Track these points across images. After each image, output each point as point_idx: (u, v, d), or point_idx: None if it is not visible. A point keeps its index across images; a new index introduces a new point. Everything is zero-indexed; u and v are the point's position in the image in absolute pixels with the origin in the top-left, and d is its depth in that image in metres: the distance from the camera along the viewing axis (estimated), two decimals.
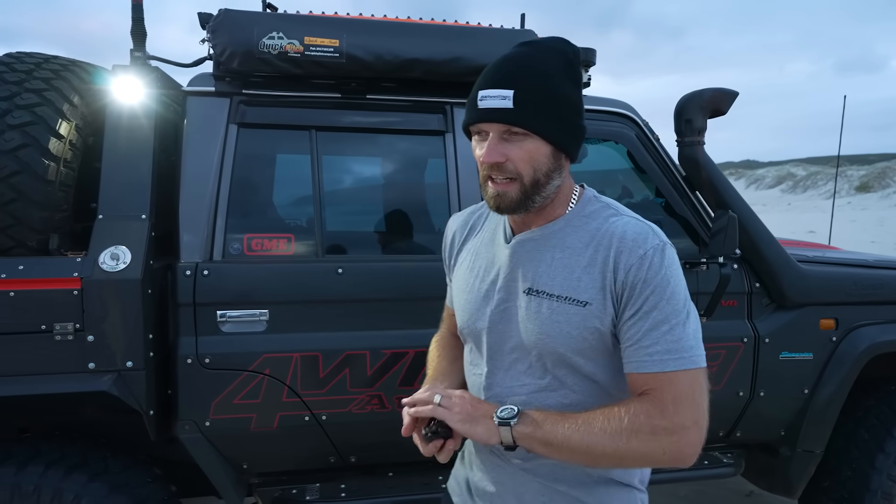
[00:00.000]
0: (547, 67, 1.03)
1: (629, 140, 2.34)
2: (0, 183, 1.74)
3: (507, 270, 1.11)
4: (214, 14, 1.96)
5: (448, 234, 1.30)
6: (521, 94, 0.99)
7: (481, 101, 1.01)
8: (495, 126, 1.01)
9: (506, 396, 1.10)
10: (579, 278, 1.04)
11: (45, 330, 1.74)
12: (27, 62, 1.90)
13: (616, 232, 1.05)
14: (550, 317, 1.05)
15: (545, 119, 1.01)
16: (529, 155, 1.01)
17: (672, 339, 0.98)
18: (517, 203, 1.04)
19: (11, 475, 1.74)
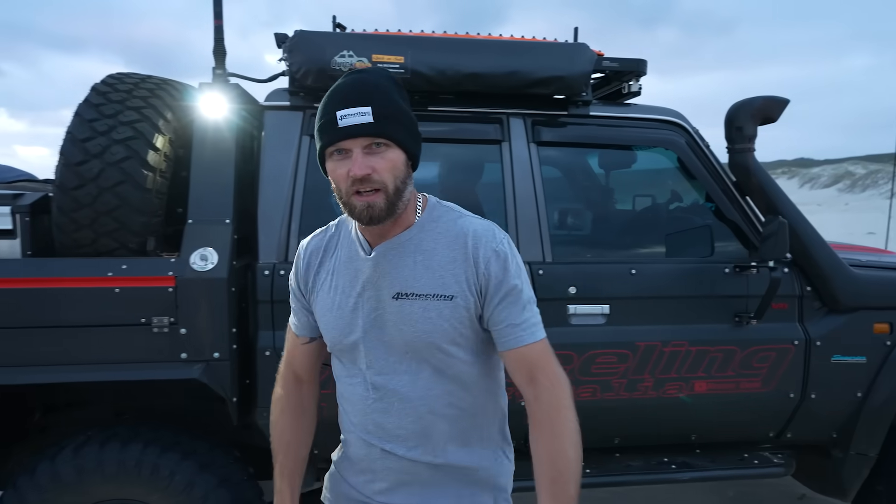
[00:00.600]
0: (387, 87, 1.12)
1: (679, 147, 2.41)
2: (107, 191, 1.95)
3: (373, 280, 1.18)
4: (290, 35, 2.14)
5: (300, 261, 1.29)
6: (377, 110, 1.07)
7: (342, 119, 1.06)
8: (358, 141, 1.07)
9: (393, 396, 1.19)
10: (442, 276, 1.15)
11: (144, 323, 1.94)
12: (127, 82, 2.11)
13: (467, 231, 1.17)
14: (423, 314, 1.15)
15: (399, 129, 1.10)
16: (392, 163, 1.09)
17: (530, 315, 1.17)
18: (385, 212, 1.10)
19: (117, 451, 1.95)
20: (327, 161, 1.13)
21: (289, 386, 1.37)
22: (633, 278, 2.26)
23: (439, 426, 1.20)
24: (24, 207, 1.96)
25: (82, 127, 1.97)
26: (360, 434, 1.23)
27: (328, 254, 1.26)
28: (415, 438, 1.19)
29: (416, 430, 1.19)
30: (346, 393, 1.26)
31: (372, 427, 1.21)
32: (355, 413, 1.24)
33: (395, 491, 1.24)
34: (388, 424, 1.20)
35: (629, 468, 2.36)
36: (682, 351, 2.27)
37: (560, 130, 2.35)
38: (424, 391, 1.18)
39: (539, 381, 1.15)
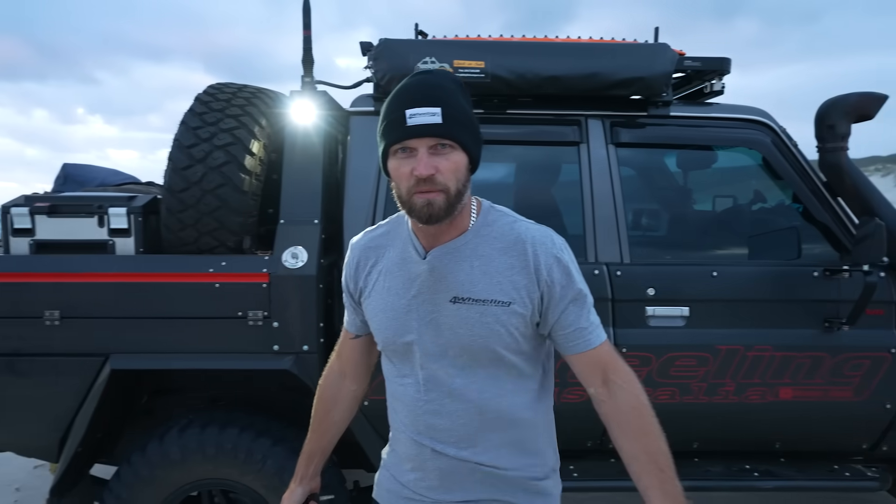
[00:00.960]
0: (454, 90, 1.12)
1: (764, 146, 2.35)
2: (208, 194, 2.11)
3: (429, 284, 1.18)
4: (375, 43, 2.23)
5: (351, 261, 1.30)
6: (447, 111, 1.07)
7: (411, 118, 1.07)
8: (425, 140, 1.07)
9: (446, 397, 1.20)
10: (499, 282, 1.15)
11: (240, 316, 2.09)
12: (226, 92, 2.28)
13: (525, 237, 1.17)
14: (480, 320, 1.15)
15: (466, 132, 1.10)
16: (456, 165, 1.09)
17: (595, 318, 1.20)
18: (444, 212, 1.10)
19: (215, 435, 2.11)
20: (390, 158, 1.13)
21: (332, 376, 1.44)
22: (715, 280, 2.21)
23: (491, 430, 1.20)
24: (137, 209, 2.15)
25: (187, 134, 2.14)
26: (411, 434, 1.24)
27: (380, 253, 1.26)
28: (466, 440, 1.20)
29: (467, 433, 1.20)
30: (398, 393, 1.27)
31: (423, 427, 1.22)
32: (406, 413, 1.25)
33: (446, 490, 1.24)
34: (439, 425, 1.21)
35: (708, 473, 2.32)
36: (766, 356, 2.21)
37: (639, 131, 2.33)
38: (477, 394, 1.19)
39: (613, 381, 1.17)
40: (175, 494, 2.17)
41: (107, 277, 2.07)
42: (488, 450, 1.21)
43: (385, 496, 1.34)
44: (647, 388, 2.20)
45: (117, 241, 2.15)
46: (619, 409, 1.17)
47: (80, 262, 2.08)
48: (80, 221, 2.15)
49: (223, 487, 2.20)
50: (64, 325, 2.06)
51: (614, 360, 1.19)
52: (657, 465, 1.13)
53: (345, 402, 1.43)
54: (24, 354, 2.07)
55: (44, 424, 2.12)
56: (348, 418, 1.46)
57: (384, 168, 1.16)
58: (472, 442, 1.21)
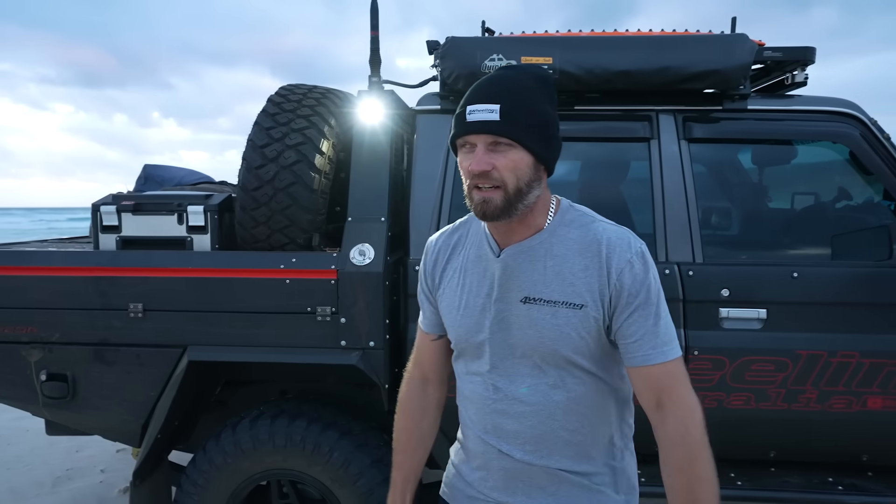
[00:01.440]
0: (527, 86, 1.10)
1: (852, 140, 2.21)
2: (281, 192, 2.17)
3: (501, 282, 1.17)
4: (442, 42, 2.24)
5: (427, 258, 1.31)
6: (506, 108, 1.06)
7: (469, 114, 1.08)
8: (482, 137, 1.08)
9: (513, 399, 1.18)
10: (572, 283, 1.12)
11: (309, 311, 2.14)
12: (297, 93, 2.34)
13: (601, 238, 1.13)
14: (551, 321, 1.12)
15: (527, 131, 1.07)
16: (514, 163, 1.07)
17: (664, 332, 1.12)
18: (501, 210, 1.09)
19: (285, 426, 2.17)
20: (458, 152, 1.15)
21: (413, 386, 1.39)
22: (796, 282, 2.10)
23: (558, 434, 1.18)
24: (213, 207, 2.24)
25: (261, 134, 2.21)
26: (478, 432, 1.24)
27: (456, 251, 1.26)
28: (532, 443, 1.19)
29: (534, 435, 1.18)
30: (467, 391, 1.27)
31: (490, 427, 1.22)
32: (475, 412, 1.24)
33: (509, 492, 1.23)
34: (506, 426, 1.20)
35: (786, 484, 2.20)
36: (853, 363, 2.08)
37: (714, 126, 2.24)
38: (544, 397, 1.17)
39: (665, 406, 1.10)
40: (246, 483, 2.25)
41: (185, 273, 2.16)
42: (553, 454, 1.19)
43: (450, 493, 1.34)
44: (720, 392, 2.12)
45: (195, 237, 2.24)
46: (666, 436, 1.11)
47: (161, 258, 2.18)
48: (162, 219, 2.26)
49: (291, 478, 2.27)
50: (146, 317, 2.17)
51: (674, 382, 1.11)
52: (692, 498, 1.07)
53: (432, 411, 1.39)
54: (110, 344, 2.19)
55: (128, 411, 2.24)
56: (436, 428, 1.41)
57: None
58: (539, 445, 1.19)
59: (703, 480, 1.07)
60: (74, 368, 2.22)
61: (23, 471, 3.75)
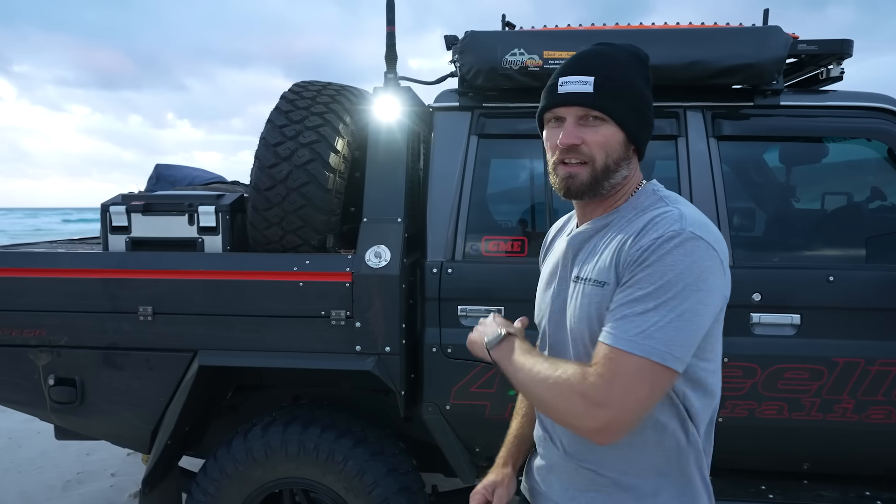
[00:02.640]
0: (623, 62, 1.06)
1: (891, 136, 2.11)
2: (294, 192, 2.10)
3: (564, 261, 1.16)
4: (460, 37, 2.16)
5: (546, 239, 1.34)
6: (600, 81, 1.02)
7: (562, 86, 1.04)
8: (573, 110, 1.04)
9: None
10: (603, 260, 1.06)
11: (323, 315, 2.07)
12: (311, 90, 2.27)
13: (654, 215, 1.02)
14: (582, 300, 1.08)
15: (621, 106, 1.04)
16: (605, 139, 1.04)
17: (641, 321, 0.94)
18: (587, 186, 1.05)
19: (298, 434, 2.11)
20: (545, 127, 1.12)
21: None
22: (832, 286, 2.01)
23: None
24: (224, 207, 2.17)
25: (274, 132, 2.15)
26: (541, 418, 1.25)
27: (560, 234, 1.27)
28: (578, 442, 1.12)
29: None
30: None
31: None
32: None
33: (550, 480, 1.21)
34: None
35: (821, 498, 2.11)
36: (894, 371, 1.98)
37: (744, 123, 2.15)
38: None
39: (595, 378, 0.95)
40: (258, 491, 2.19)
41: (195, 275, 2.10)
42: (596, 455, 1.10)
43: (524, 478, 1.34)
44: (751, 401, 2.03)
45: (206, 238, 2.18)
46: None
47: (170, 260, 2.12)
48: (172, 219, 2.20)
49: (304, 487, 2.20)
50: (156, 320, 2.10)
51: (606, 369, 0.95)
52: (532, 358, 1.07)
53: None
54: (120, 348, 2.14)
55: (137, 416, 2.19)
56: None
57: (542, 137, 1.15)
58: (583, 445, 1.12)
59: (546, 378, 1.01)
60: (83, 373, 2.16)
61: (33, 474, 3.72)
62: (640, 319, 0.94)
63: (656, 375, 0.94)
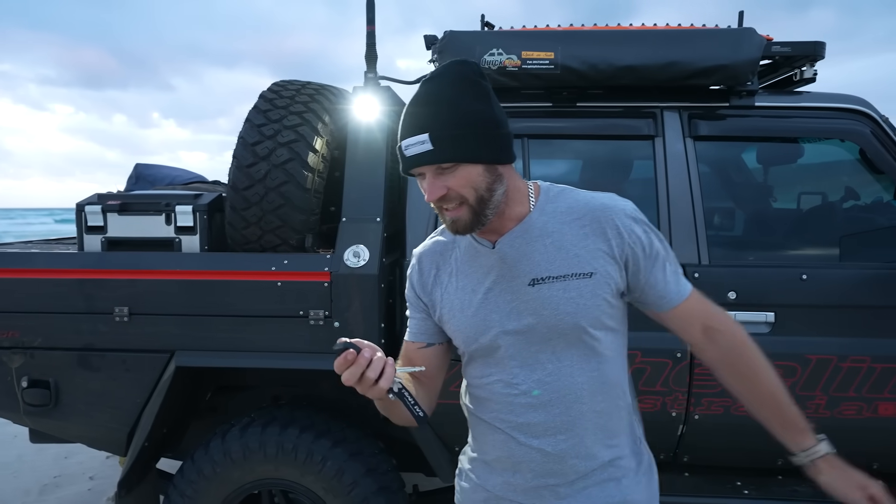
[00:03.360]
0: (451, 96, 1.06)
1: (863, 137, 2.14)
2: (272, 191, 2.09)
3: (503, 272, 1.16)
4: (440, 36, 2.16)
5: (415, 269, 1.28)
6: (435, 133, 1.04)
7: (406, 150, 1.07)
8: (425, 168, 1.07)
9: (537, 387, 1.16)
10: (577, 254, 1.13)
11: (302, 315, 2.06)
12: (290, 89, 2.26)
13: (593, 204, 1.16)
14: (564, 296, 1.12)
15: (462, 147, 1.05)
16: (465, 180, 1.07)
17: (678, 268, 1.20)
18: (472, 222, 1.10)
19: (277, 434, 2.10)
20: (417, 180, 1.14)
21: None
22: (806, 284, 2.04)
23: (587, 417, 1.17)
24: (202, 206, 2.16)
25: (252, 131, 2.13)
26: (507, 432, 1.20)
27: (445, 257, 1.25)
28: (564, 432, 1.16)
29: (564, 423, 1.16)
30: (484, 393, 1.23)
31: (518, 424, 1.18)
32: (499, 413, 1.20)
33: (538, 494, 1.20)
34: (533, 420, 1.17)
35: (795, 493, 2.14)
36: (864, 368, 2.02)
37: (720, 123, 2.17)
38: (569, 379, 1.15)
39: (711, 327, 1.18)
40: (236, 493, 2.17)
41: (172, 275, 2.08)
42: (585, 440, 1.17)
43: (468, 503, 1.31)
44: (727, 399, 2.06)
45: (183, 238, 2.16)
46: (723, 352, 1.18)
47: (147, 259, 2.10)
48: (149, 219, 2.18)
49: (283, 488, 2.19)
50: (133, 321, 2.08)
51: (706, 305, 1.20)
52: (773, 397, 1.17)
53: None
54: (95, 349, 2.11)
55: (112, 418, 2.16)
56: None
57: None
58: (570, 434, 1.16)
59: (768, 371, 1.17)
60: (57, 375, 2.14)
61: (9, 478, 3.66)
62: (677, 269, 1.19)
63: None
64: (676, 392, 2.06)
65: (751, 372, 1.17)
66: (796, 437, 1.17)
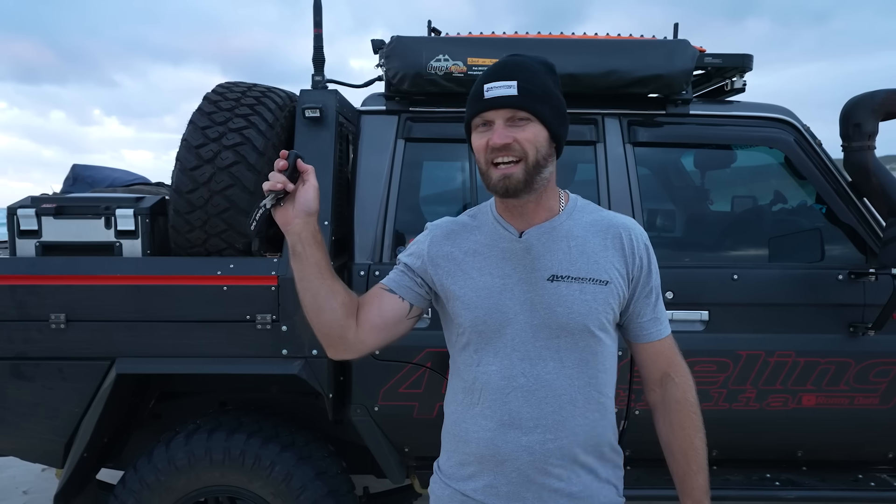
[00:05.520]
0: (537, 70, 1.17)
1: (787, 145, 2.28)
2: (217, 195, 2.06)
3: (525, 262, 1.21)
4: (387, 41, 2.18)
5: (425, 238, 1.31)
6: (523, 85, 1.12)
7: (487, 91, 1.13)
8: (501, 112, 1.13)
9: (536, 381, 1.18)
10: (597, 262, 1.20)
11: (249, 319, 2.04)
12: (235, 91, 2.23)
13: (617, 223, 1.24)
14: (579, 297, 1.18)
15: (543, 106, 1.14)
16: (534, 135, 1.13)
17: (664, 310, 1.29)
18: (524, 183, 1.14)
19: (223, 440, 2.07)
20: (472, 134, 1.19)
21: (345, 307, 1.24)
22: (736, 283, 2.15)
23: (577, 420, 1.19)
24: (144, 210, 2.10)
25: (196, 134, 2.10)
26: (491, 428, 1.19)
27: (464, 237, 1.28)
28: (553, 430, 1.18)
29: (555, 421, 1.18)
30: (478, 382, 1.22)
31: (507, 418, 1.18)
32: (489, 403, 1.20)
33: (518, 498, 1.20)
34: (524, 414, 1.18)
35: (728, 482, 2.25)
36: (789, 362, 2.15)
37: (658, 130, 2.27)
38: (567, 380, 1.19)
39: (670, 374, 1.26)
40: (182, 501, 2.13)
41: (113, 280, 2.02)
42: (573, 443, 1.19)
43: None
44: None
45: (124, 242, 2.11)
46: (665, 400, 1.27)
47: (86, 265, 2.04)
48: (87, 223, 2.11)
49: (230, 494, 2.16)
50: (70, 328, 2.02)
51: (675, 355, 1.28)
52: (686, 458, 1.23)
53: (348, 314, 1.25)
54: (29, 358, 2.03)
55: (48, 429, 2.09)
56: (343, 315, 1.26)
57: (469, 146, 1.21)
58: (559, 433, 1.18)
59: (700, 431, 1.25)
60: None
61: None
62: (662, 309, 1.28)
63: None
64: (618, 388, 2.14)
65: (680, 429, 1.25)
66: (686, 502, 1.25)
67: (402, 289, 1.29)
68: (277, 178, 1.20)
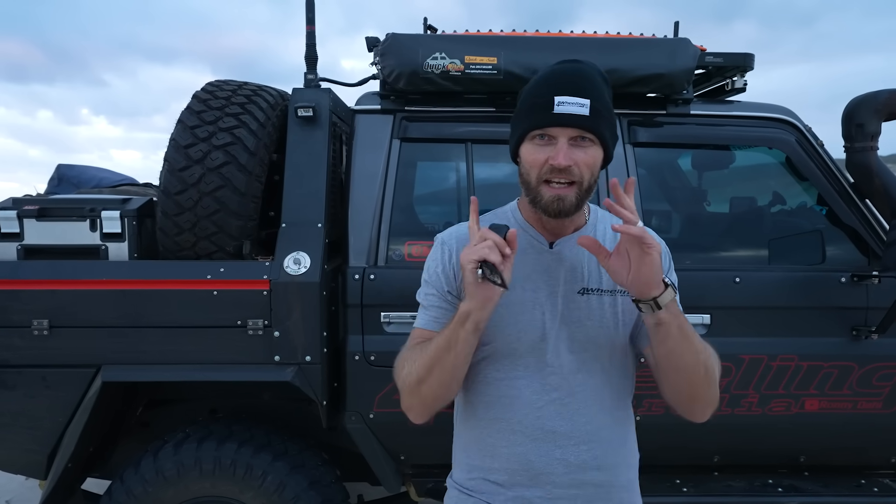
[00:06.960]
0: (600, 82, 1.11)
1: (788, 145, 2.24)
2: (207, 196, 2.00)
3: (557, 275, 1.16)
4: (382, 39, 2.13)
5: (443, 255, 1.21)
6: (595, 104, 1.06)
7: (559, 105, 1.06)
8: (568, 131, 1.07)
9: (568, 395, 1.15)
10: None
11: (240, 325, 1.98)
12: (226, 89, 2.16)
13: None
14: (611, 310, 1.15)
15: (608, 129, 1.09)
16: (594, 160, 1.09)
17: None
18: (574, 206, 1.10)
19: (213, 450, 2.00)
20: (525, 142, 1.11)
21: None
22: (738, 286, 2.11)
23: (606, 433, 1.18)
24: (131, 212, 2.04)
25: (185, 133, 2.03)
26: (523, 443, 1.15)
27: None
28: (586, 442, 1.16)
29: (587, 433, 1.16)
30: (506, 398, 1.17)
31: (540, 433, 1.15)
32: (519, 418, 1.16)
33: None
34: (559, 429, 1.15)
35: (730, 489, 2.22)
36: (792, 366, 2.11)
37: (658, 130, 2.23)
38: (595, 392, 1.16)
39: None
40: None
41: (98, 285, 1.96)
42: (607, 454, 1.17)
43: None
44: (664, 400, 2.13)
45: (110, 245, 2.04)
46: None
47: (70, 269, 1.97)
48: (71, 225, 2.04)
49: None
50: (53, 334, 1.95)
51: None
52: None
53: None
54: (10, 366, 1.96)
55: (30, 439, 2.01)
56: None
57: (513, 152, 1.15)
58: (592, 444, 1.16)
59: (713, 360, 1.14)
60: None
61: None
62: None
63: None
64: None
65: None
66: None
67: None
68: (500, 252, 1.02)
